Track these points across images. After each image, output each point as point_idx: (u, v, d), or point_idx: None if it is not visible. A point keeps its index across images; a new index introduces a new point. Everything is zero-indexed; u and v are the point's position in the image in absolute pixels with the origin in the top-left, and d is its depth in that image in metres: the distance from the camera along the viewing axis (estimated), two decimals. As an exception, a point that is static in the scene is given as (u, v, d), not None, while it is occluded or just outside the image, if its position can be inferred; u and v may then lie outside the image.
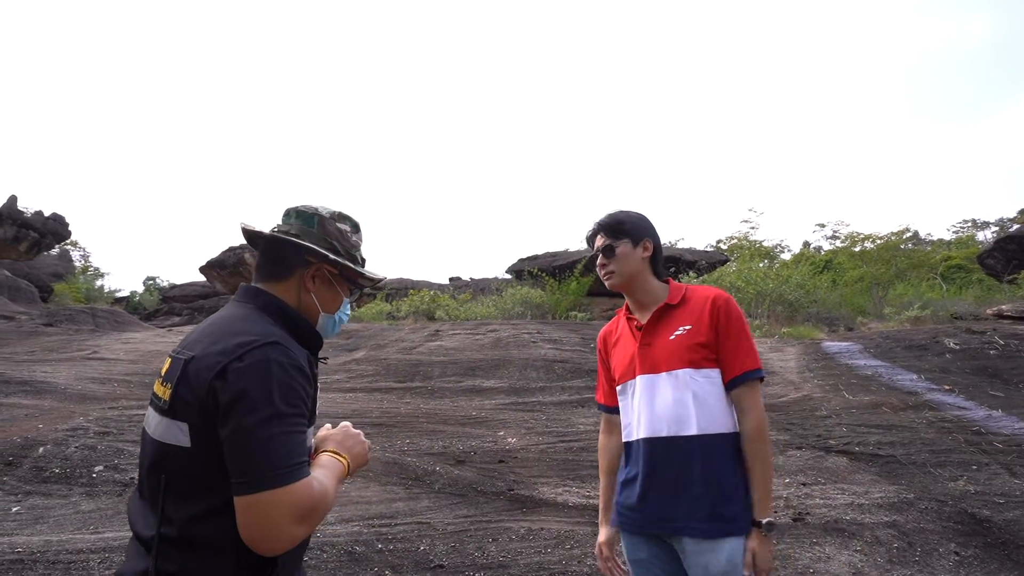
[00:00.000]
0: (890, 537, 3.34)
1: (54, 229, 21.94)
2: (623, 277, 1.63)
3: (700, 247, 24.59)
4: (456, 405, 6.03)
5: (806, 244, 31.52)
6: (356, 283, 1.32)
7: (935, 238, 37.93)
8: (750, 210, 38.63)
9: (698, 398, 1.49)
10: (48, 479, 3.74)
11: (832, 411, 5.89)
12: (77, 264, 29.41)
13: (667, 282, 1.67)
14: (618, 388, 1.69)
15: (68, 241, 25.14)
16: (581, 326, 10.48)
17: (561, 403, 6.18)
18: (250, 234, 1.25)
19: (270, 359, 1.01)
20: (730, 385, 1.50)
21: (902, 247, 19.59)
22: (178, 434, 1.03)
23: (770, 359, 8.34)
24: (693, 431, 1.47)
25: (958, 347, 8.16)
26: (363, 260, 1.35)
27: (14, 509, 3.36)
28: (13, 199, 20.65)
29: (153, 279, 33.23)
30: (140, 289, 31.17)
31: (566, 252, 19.80)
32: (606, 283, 1.67)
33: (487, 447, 4.60)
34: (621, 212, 1.69)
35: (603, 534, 1.73)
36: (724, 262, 18.03)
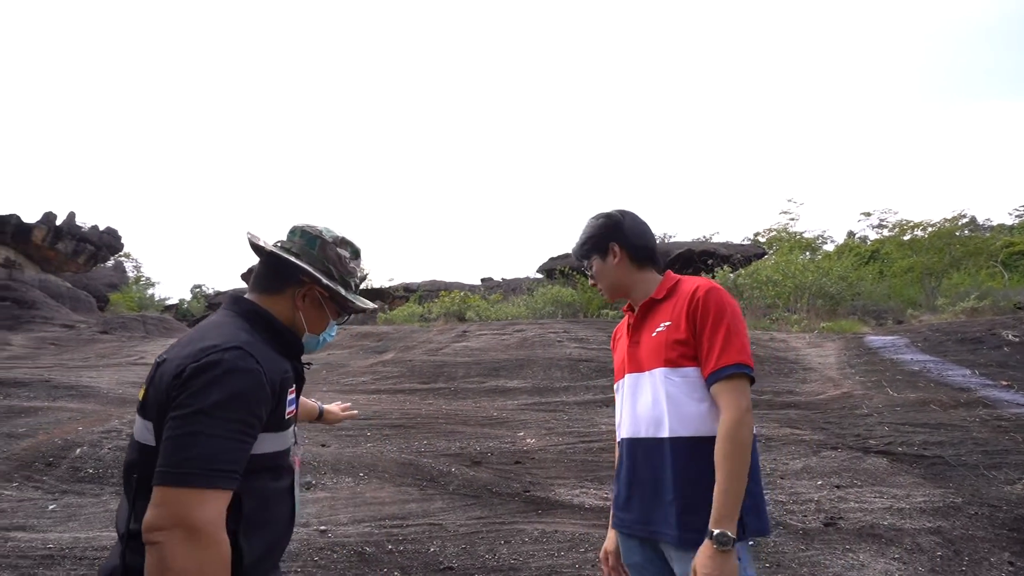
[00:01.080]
0: (933, 544, 3.10)
1: (108, 242, 23.25)
2: (610, 289, 1.61)
3: (737, 241, 23.85)
4: (478, 406, 6.00)
5: (850, 234, 30.05)
6: (345, 308, 1.36)
7: (995, 223, 35.53)
8: (789, 201, 37.17)
9: (672, 399, 1.39)
10: (82, 479, 3.91)
11: (874, 409, 5.55)
12: (130, 275, 31.07)
13: (665, 275, 1.60)
14: (615, 387, 1.65)
15: (121, 253, 26.59)
16: (609, 324, 10.28)
17: (585, 403, 6.06)
18: (254, 245, 1.29)
19: (224, 361, 1.03)
20: (708, 382, 1.37)
21: (957, 234, 18.35)
22: (146, 433, 1.07)
23: (807, 355, 7.97)
24: (665, 434, 1.39)
25: (1018, 339, 7.57)
26: (357, 286, 1.39)
27: (51, 507, 3.52)
28: (72, 215, 21.99)
29: (200, 287, 34.71)
30: (188, 297, 32.65)
31: (597, 250, 19.52)
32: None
33: (505, 448, 4.54)
34: (585, 228, 1.64)
35: (609, 539, 1.65)
36: (761, 255, 17.40)
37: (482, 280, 28.17)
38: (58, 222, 21.28)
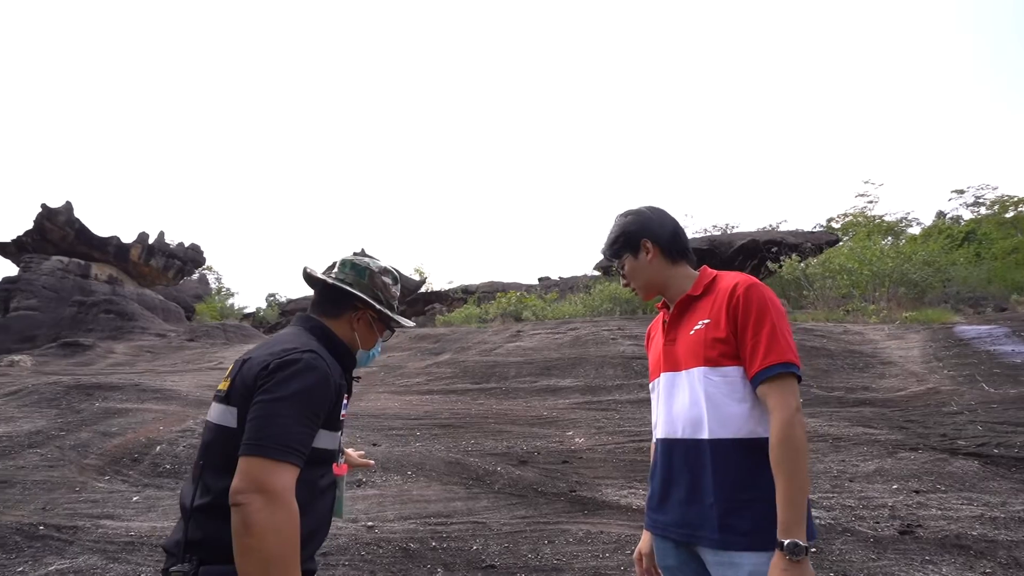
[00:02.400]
0: (1032, 558, 2.74)
1: (193, 257, 25.29)
2: (645, 287, 1.56)
3: (808, 228, 22.36)
4: (528, 405, 5.98)
5: (940, 215, 27.35)
6: (390, 326, 1.57)
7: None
8: (866, 183, 34.08)
9: (712, 399, 1.33)
10: (161, 474, 4.26)
11: (964, 406, 5.01)
12: (213, 286, 33.65)
13: (701, 270, 1.53)
14: (649, 386, 1.61)
15: (205, 266, 28.84)
16: (666, 320, 9.95)
17: (637, 401, 5.89)
18: (311, 277, 1.49)
19: (303, 360, 1.21)
20: (753, 383, 1.29)
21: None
22: (229, 417, 1.22)
23: (886, 348, 7.32)
24: (705, 435, 1.33)
25: None
26: (397, 308, 1.59)
27: (134, 499, 3.86)
28: (161, 234, 24.13)
29: (274, 295, 37.02)
30: (263, 305, 34.87)
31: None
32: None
33: (552, 447, 4.49)
34: (614, 226, 1.60)
35: (643, 540, 1.59)
36: (834, 243, 16.19)
37: (539, 279, 28.11)
38: (150, 240, 23.41)
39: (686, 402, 1.38)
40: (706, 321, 1.38)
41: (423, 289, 28.38)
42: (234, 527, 1.08)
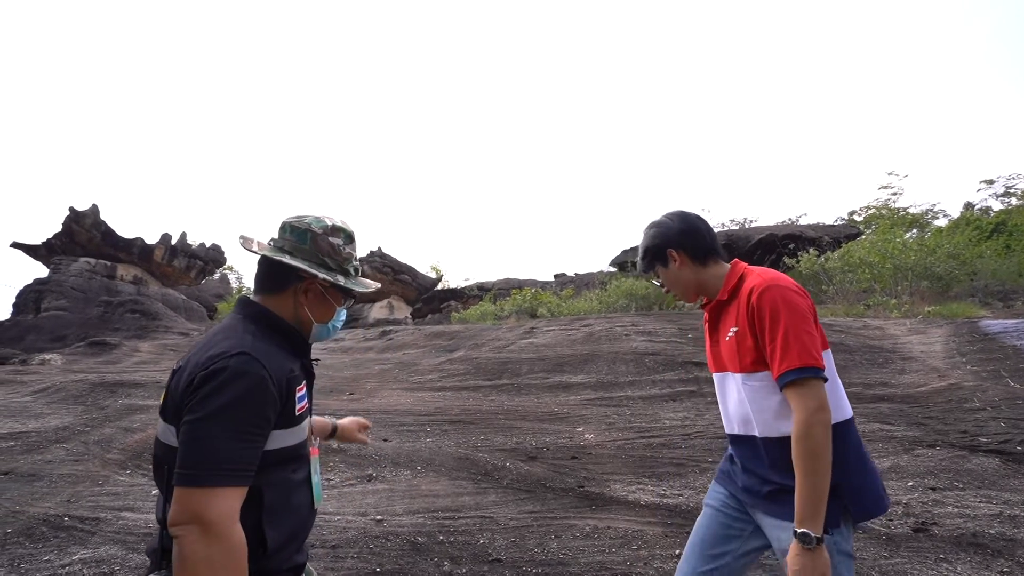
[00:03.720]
0: (1053, 558, 2.66)
1: (214, 257, 25.81)
2: (685, 292, 1.65)
3: (829, 221, 21.92)
4: (540, 401, 5.99)
5: (968, 206, 26.52)
6: (348, 294, 1.38)
7: None
8: (890, 174, 33.01)
9: (755, 403, 1.46)
10: (180, 468, 4.37)
11: (987, 402, 4.88)
12: (234, 285, 34.32)
13: (732, 266, 1.63)
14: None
15: (226, 266, 29.42)
16: (680, 316, 9.84)
17: (649, 397, 5.86)
18: (247, 249, 1.31)
19: (229, 368, 1.09)
20: (779, 386, 1.38)
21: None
22: (169, 435, 1.15)
23: (907, 343, 7.15)
24: (756, 433, 1.48)
25: None
26: (357, 269, 1.40)
27: (153, 492, 3.97)
28: (183, 235, 24.68)
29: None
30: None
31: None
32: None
33: (562, 443, 4.50)
34: (642, 242, 1.69)
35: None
36: (855, 236, 15.82)
37: (555, 276, 28.04)
38: (173, 241, 23.95)
39: (735, 401, 1.53)
40: (735, 329, 1.49)
41: (439, 287, 28.52)
42: (172, 559, 1.03)
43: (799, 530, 1.30)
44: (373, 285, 1.43)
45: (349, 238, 1.36)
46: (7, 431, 5.55)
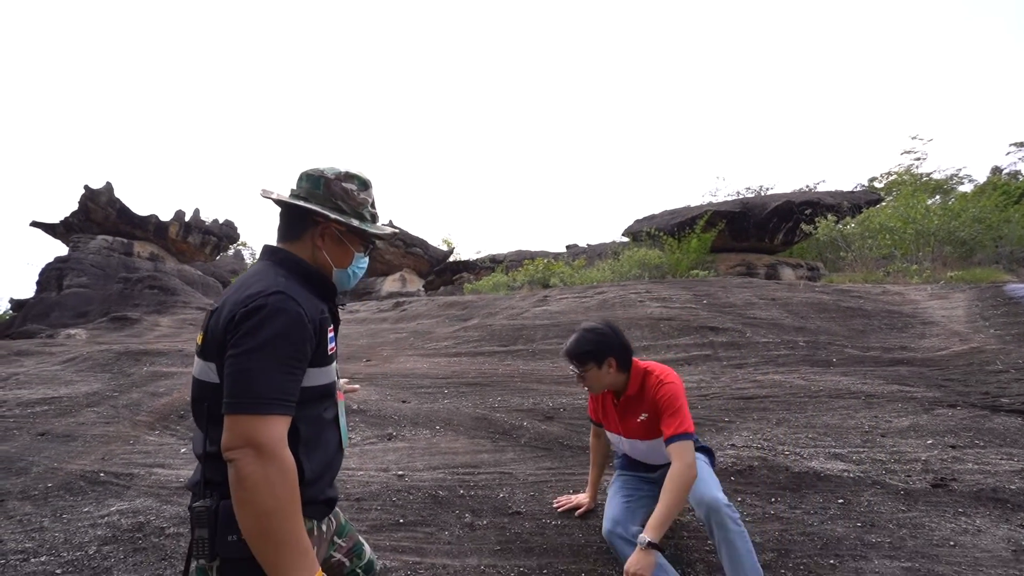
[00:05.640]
0: (1074, 511, 2.66)
1: (228, 233, 26.02)
2: (600, 389, 2.35)
3: (848, 189, 21.36)
4: (555, 365, 6.02)
5: (995, 170, 25.64)
6: (364, 238, 1.42)
7: None
8: (913, 138, 32.01)
9: (658, 451, 2.33)
10: (206, 429, 4.51)
11: (1011, 364, 4.81)
12: (248, 261, 34.67)
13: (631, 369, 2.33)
14: (606, 431, 2.59)
15: (239, 242, 29.67)
16: (694, 283, 9.75)
17: (665, 361, 5.86)
18: (266, 198, 1.37)
19: (269, 305, 1.15)
20: (667, 443, 2.09)
21: None
22: (209, 372, 1.21)
23: (928, 308, 7.04)
24: (660, 462, 2.38)
25: None
26: (373, 216, 1.45)
27: (182, 450, 4.11)
28: (197, 211, 24.85)
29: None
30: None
31: (687, 208, 18.41)
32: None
33: (578, 404, 4.54)
34: (583, 338, 2.25)
35: (585, 496, 2.82)
36: (875, 202, 15.42)
37: (567, 247, 27.89)
38: (187, 218, 24.16)
39: (643, 448, 2.38)
40: (646, 415, 2.26)
41: (451, 259, 28.54)
42: (230, 481, 1.09)
43: (647, 539, 1.90)
44: (389, 230, 1.46)
45: (364, 184, 1.40)
46: (40, 396, 5.75)
